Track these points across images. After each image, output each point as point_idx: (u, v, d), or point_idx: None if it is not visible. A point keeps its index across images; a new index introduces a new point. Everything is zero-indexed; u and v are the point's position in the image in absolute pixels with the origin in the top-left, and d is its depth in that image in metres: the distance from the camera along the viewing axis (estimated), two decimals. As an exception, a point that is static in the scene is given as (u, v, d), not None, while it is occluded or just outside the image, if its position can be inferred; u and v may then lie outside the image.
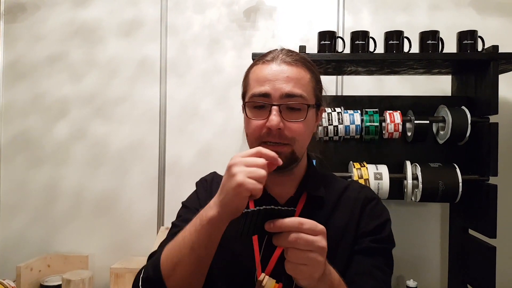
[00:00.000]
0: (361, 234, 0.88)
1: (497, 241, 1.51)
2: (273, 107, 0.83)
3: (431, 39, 1.59)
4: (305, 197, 0.92)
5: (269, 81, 0.85)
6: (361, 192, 0.95)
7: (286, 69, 0.86)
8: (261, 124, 0.85)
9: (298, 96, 0.84)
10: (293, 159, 0.87)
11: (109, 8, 2.08)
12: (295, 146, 0.86)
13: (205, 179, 1.05)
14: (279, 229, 0.64)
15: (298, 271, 0.65)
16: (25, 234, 2.09)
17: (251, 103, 0.87)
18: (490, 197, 1.51)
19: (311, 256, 0.64)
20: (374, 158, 1.70)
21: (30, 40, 2.11)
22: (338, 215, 0.90)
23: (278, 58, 0.88)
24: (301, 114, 0.85)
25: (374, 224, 0.89)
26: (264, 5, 2.03)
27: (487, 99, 1.53)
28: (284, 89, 0.84)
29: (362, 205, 0.92)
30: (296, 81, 0.85)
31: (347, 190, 0.96)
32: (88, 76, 2.09)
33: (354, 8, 1.98)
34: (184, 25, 2.06)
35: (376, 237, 0.88)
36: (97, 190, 2.07)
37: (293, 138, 0.85)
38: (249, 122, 0.87)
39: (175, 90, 2.06)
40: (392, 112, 1.63)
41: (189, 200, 1.02)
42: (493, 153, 1.51)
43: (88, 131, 2.08)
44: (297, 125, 0.84)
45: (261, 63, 0.89)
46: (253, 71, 0.90)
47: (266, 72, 0.86)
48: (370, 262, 0.85)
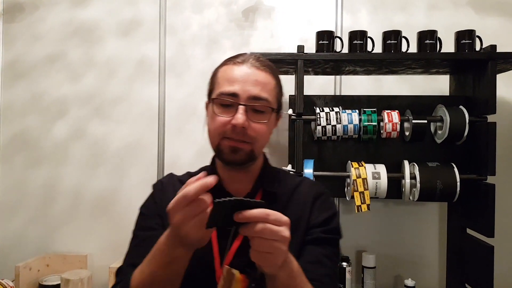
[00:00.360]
0: (312, 225, 0.95)
1: (495, 241, 1.51)
2: (240, 106, 0.88)
3: (429, 38, 1.59)
4: (261, 193, 0.97)
5: (239, 82, 0.89)
6: (312, 188, 1.02)
7: (256, 73, 0.91)
8: (226, 121, 0.89)
9: (264, 100, 0.90)
10: (251, 157, 0.92)
11: (107, 8, 2.09)
12: (255, 146, 0.91)
13: (161, 181, 1.08)
14: (248, 219, 0.67)
15: (262, 259, 0.69)
16: (24, 234, 2.09)
17: (219, 100, 0.91)
18: (488, 197, 1.51)
19: (275, 245, 0.68)
20: (372, 157, 1.71)
21: (29, 40, 2.11)
22: (291, 209, 0.95)
23: (248, 61, 0.92)
24: (265, 117, 0.91)
25: (324, 216, 0.97)
26: (262, 5, 2.03)
27: (485, 98, 1.53)
28: (252, 91, 0.89)
29: (313, 199, 0.99)
30: (263, 85, 0.91)
31: (299, 186, 1.03)
32: (86, 76, 2.09)
33: (353, 8, 1.98)
34: (183, 25, 2.06)
35: (325, 228, 0.95)
36: (96, 190, 2.07)
37: (254, 137, 0.90)
38: (215, 118, 0.91)
39: (174, 90, 2.06)
40: (390, 111, 1.63)
41: (145, 205, 1.04)
42: (491, 152, 1.52)
43: (87, 131, 2.08)
44: (260, 126, 0.90)
45: (231, 64, 0.93)
46: (223, 70, 0.95)
47: (236, 73, 0.91)
48: (320, 251, 0.92)
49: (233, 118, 0.88)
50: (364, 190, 1.55)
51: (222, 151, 0.92)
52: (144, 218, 1.01)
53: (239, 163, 0.92)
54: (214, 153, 0.98)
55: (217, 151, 0.94)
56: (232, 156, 0.91)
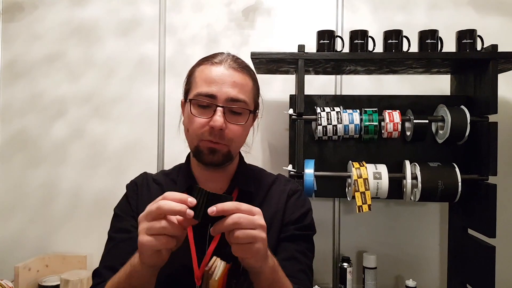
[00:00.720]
0: (287, 223, 0.97)
1: (496, 241, 1.51)
2: (218, 108, 0.88)
3: (430, 38, 1.58)
4: (237, 192, 0.99)
5: (216, 83, 0.90)
6: (286, 185, 1.04)
7: (233, 74, 0.91)
8: (204, 122, 0.90)
9: (242, 101, 0.91)
10: (228, 158, 0.94)
11: (107, 7, 2.08)
12: (231, 147, 0.93)
13: (134, 181, 1.07)
14: (221, 212, 0.68)
15: (245, 250, 0.70)
16: (23, 234, 2.08)
17: (197, 101, 0.91)
18: (489, 197, 1.50)
19: (254, 233, 0.69)
20: (373, 157, 1.70)
21: (28, 39, 2.10)
22: (266, 207, 0.96)
23: (226, 62, 0.93)
24: (242, 118, 0.92)
25: (298, 213, 0.99)
26: (262, 5, 2.02)
27: (486, 98, 1.53)
28: (230, 93, 0.89)
29: (287, 197, 1.01)
30: (241, 87, 0.91)
31: (274, 183, 1.04)
32: (86, 76, 2.08)
33: (353, 7, 1.98)
34: (183, 25, 2.05)
35: (299, 225, 0.97)
36: (95, 190, 2.06)
37: (231, 139, 0.91)
38: (192, 119, 0.91)
39: (174, 89, 2.05)
40: (391, 111, 1.62)
41: (119, 206, 1.04)
42: (493, 152, 1.51)
43: (86, 131, 2.07)
44: (237, 127, 0.91)
45: (209, 64, 0.93)
46: (200, 70, 0.94)
47: (214, 74, 0.91)
48: (294, 247, 0.94)
49: (211, 119, 0.88)
50: (365, 190, 1.54)
51: (201, 152, 0.92)
52: (119, 220, 1.01)
53: (216, 164, 0.93)
54: (192, 153, 0.98)
55: (195, 151, 0.94)
56: (210, 157, 0.91)
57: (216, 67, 0.92)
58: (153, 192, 1.02)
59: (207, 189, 0.95)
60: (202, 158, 0.93)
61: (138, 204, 1.00)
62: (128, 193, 1.05)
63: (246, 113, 0.93)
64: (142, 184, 1.05)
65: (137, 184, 1.05)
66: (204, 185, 0.98)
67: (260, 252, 0.71)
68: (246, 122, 0.93)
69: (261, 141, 2.00)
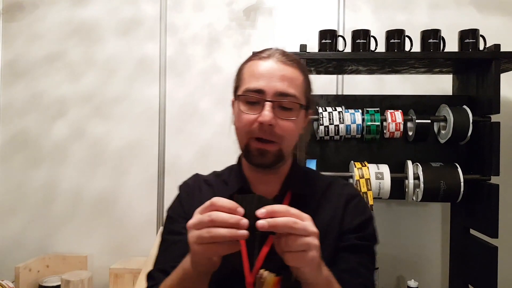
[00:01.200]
0: (346, 231, 0.90)
1: (498, 241, 1.50)
2: (267, 103, 0.84)
3: (432, 38, 1.58)
4: (289, 196, 0.92)
5: (264, 77, 0.85)
6: (344, 189, 0.97)
7: (282, 68, 0.87)
8: (253, 119, 0.85)
9: (292, 96, 0.85)
10: (279, 158, 0.88)
11: (107, 6, 2.07)
12: (282, 145, 0.87)
13: (187, 183, 1.04)
14: (271, 213, 0.65)
15: (299, 259, 0.66)
16: (24, 235, 2.07)
17: (245, 97, 0.87)
18: (491, 197, 1.50)
19: (308, 240, 0.65)
20: (375, 157, 1.69)
21: (28, 39, 2.09)
22: (321, 212, 0.91)
23: (274, 56, 0.88)
24: (293, 114, 0.86)
25: (358, 221, 0.91)
26: (264, 4, 2.02)
27: (489, 98, 1.52)
28: (278, 87, 0.84)
29: (345, 202, 0.93)
30: (290, 80, 0.86)
31: (330, 187, 0.97)
32: (86, 75, 2.07)
33: (355, 7, 1.97)
34: (183, 24, 2.05)
35: (360, 234, 0.90)
36: (95, 190, 2.06)
37: (282, 136, 0.85)
38: (241, 115, 0.87)
39: (174, 89, 2.04)
40: (394, 111, 1.62)
41: (172, 208, 1.01)
42: (495, 152, 1.51)
43: (87, 131, 2.06)
44: (288, 123, 0.85)
45: (257, 59, 0.89)
46: (248, 66, 0.91)
47: (262, 68, 0.87)
48: (355, 259, 0.87)
49: (260, 115, 0.83)
50: (367, 191, 1.53)
51: (250, 152, 0.88)
52: (172, 222, 0.97)
53: (267, 165, 0.88)
54: (242, 153, 0.94)
55: (245, 152, 0.90)
56: (260, 158, 0.87)
57: (264, 62, 0.88)
58: (204, 194, 0.98)
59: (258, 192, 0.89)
60: (252, 160, 0.89)
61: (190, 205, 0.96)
62: (180, 194, 1.02)
63: (297, 108, 0.86)
64: (194, 186, 1.01)
65: (189, 185, 1.02)
66: (255, 187, 0.94)
67: (315, 261, 0.67)
68: (297, 118, 0.87)
69: (262, 141, 2.00)
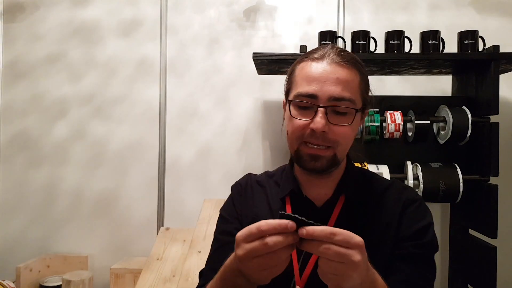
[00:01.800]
0: (402, 238, 0.84)
1: (497, 241, 1.51)
2: (320, 109, 0.79)
3: (432, 39, 1.59)
4: (343, 200, 0.88)
5: (318, 81, 0.81)
6: (402, 194, 0.90)
7: (336, 70, 0.81)
8: (304, 124, 0.81)
9: (347, 100, 0.80)
10: (334, 163, 0.83)
11: (108, 7, 2.08)
12: (337, 150, 0.82)
13: (239, 183, 1.01)
14: (311, 236, 0.61)
15: (327, 279, 0.63)
16: (24, 235, 2.08)
17: (297, 102, 0.83)
18: (491, 197, 1.51)
19: (340, 268, 0.61)
20: (375, 158, 1.70)
21: (29, 40, 2.10)
22: (377, 218, 0.86)
23: (329, 57, 0.83)
24: (348, 118, 0.81)
25: (416, 228, 0.84)
26: (264, 5, 2.03)
27: (488, 99, 1.53)
28: (332, 91, 0.79)
29: (403, 207, 0.87)
30: (345, 83, 0.81)
31: (387, 191, 0.91)
32: (87, 76, 2.08)
33: (354, 8, 1.98)
34: (184, 25, 2.05)
35: (418, 242, 0.83)
36: (96, 190, 2.06)
37: (336, 141, 0.81)
38: (292, 120, 0.83)
39: (175, 90, 2.05)
40: (393, 112, 1.62)
41: (225, 207, 0.99)
42: (494, 153, 1.51)
43: (87, 131, 2.07)
44: (342, 129, 0.81)
45: (310, 60, 0.84)
46: (300, 68, 0.86)
47: (315, 71, 0.82)
48: (412, 269, 0.81)
49: (312, 121, 0.79)
50: (367, 191, 1.54)
51: (301, 157, 0.83)
52: (224, 222, 0.96)
53: (319, 170, 0.83)
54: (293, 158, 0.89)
55: (296, 157, 0.85)
56: (312, 164, 0.82)
57: (317, 63, 0.82)
58: (256, 194, 0.96)
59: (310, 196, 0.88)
60: (303, 164, 0.84)
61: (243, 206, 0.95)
62: (233, 194, 1.00)
63: (352, 113, 0.81)
64: (246, 186, 0.99)
65: (241, 185, 1.00)
66: (307, 190, 0.90)
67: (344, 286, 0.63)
68: (352, 123, 0.81)
69: (262, 141, 2.00)
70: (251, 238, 0.63)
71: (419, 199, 0.90)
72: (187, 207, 2.02)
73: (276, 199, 0.93)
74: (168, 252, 1.82)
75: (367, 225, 0.85)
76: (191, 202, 2.02)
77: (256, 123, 2.01)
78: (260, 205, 0.94)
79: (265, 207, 0.93)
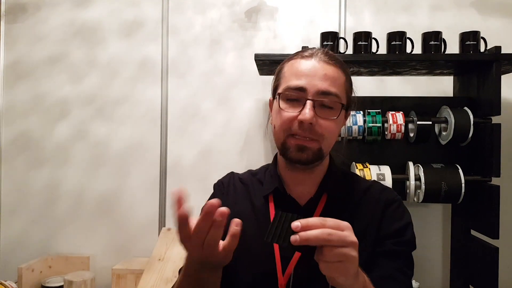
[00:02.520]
0: (383, 236, 0.88)
1: (499, 242, 1.51)
2: (308, 101, 0.83)
3: (433, 40, 1.59)
4: (325, 198, 0.91)
5: (307, 76, 0.85)
6: (382, 194, 0.94)
7: (324, 67, 0.86)
8: (292, 117, 0.84)
9: (333, 95, 0.85)
10: (319, 156, 0.86)
11: (109, 8, 2.08)
12: (323, 143, 0.86)
13: (221, 181, 1.03)
14: (306, 227, 0.63)
15: (334, 269, 0.64)
16: (26, 235, 2.08)
17: (286, 94, 0.86)
18: (492, 198, 1.51)
19: (345, 251, 0.63)
20: (377, 159, 1.70)
21: (31, 41, 2.10)
22: (358, 217, 0.89)
23: (317, 55, 0.88)
24: (334, 113, 0.85)
25: (396, 226, 0.89)
26: (265, 6, 2.03)
27: (490, 100, 1.53)
28: (320, 86, 0.84)
29: (384, 207, 0.91)
30: (332, 80, 0.85)
31: (368, 191, 0.95)
32: (89, 77, 2.08)
33: (356, 8, 1.98)
34: (185, 26, 2.05)
35: (398, 239, 0.87)
36: (98, 191, 2.07)
37: (322, 135, 0.84)
38: (281, 113, 0.86)
39: (176, 90, 2.05)
40: (395, 113, 1.63)
41: None
42: (496, 154, 1.52)
43: (89, 132, 2.07)
44: (328, 122, 0.85)
45: (299, 58, 0.89)
46: (289, 64, 0.90)
47: (304, 67, 0.86)
48: (392, 265, 0.85)
49: (300, 113, 0.83)
50: (369, 192, 1.54)
51: (288, 149, 0.86)
52: None
53: (305, 162, 0.86)
54: (279, 151, 0.91)
55: (282, 149, 0.88)
56: (299, 154, 0.85)
57: (306, 61, 0.87)
58: (240, 192, 0.99)
59: (293, 194, 0.91)
60: (289, 155, 0.86)
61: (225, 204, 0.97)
62: (215, 193, 1.02)
63: (338, 108, 0.85)
64: (229, 184, 1.01)
65: (223, 184, 1.02)
66: (291, 188, 0.93)
67: (351, 271, 0.65)
68: (338, 117, 0.86)
69: (263, 142, 2.01)
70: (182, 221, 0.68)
71: (399, 199, 0.94)
72: (189, 208, 2.02)
73: (259, 197, 0.95)
74: (170, 253, 1.82)
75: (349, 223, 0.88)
76: (192, 202, 2.01)
77: (258, 123, 2.01)
78: (242, 203, 0.96)
79: (247, 205, 0.95)
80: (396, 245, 0.86)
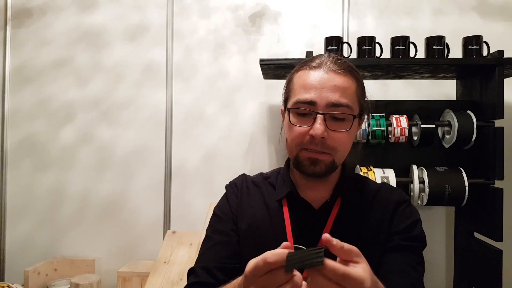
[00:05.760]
0: (393, 233, 0.88)
1: (503, 244, 1.52)
2: (318, 115, 0.82)
3: (437, 44, 1.60)
4: (339, 202, 0.91)
5: (316, 88, 0.83)
6: (392, 195, 0.95)
7: (333, 77, 0.84)
8: (304, 131, 0.84)
9: (344, 106, 0.83)
10: (332, 168, 0.86)
11: (115, 13, 2.10)
12: (336, 156, 0.85)
13: (234, 183, 1.03)
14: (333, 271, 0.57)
15: None
16: (32, 238, 2.09)
17: (296, 109, 0.85)
18: (496, 201, 1.52)
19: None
20: (381, 162, 1.71)
21: (36, 45, 2.12)
22: (371, 217, 0.90)
23: (326, 65, 0.86)
24: (346, 124, 0.84)
25: (405, 224, 0.89)
26: (269, 10, 2.04)
27: (493, 103, 1.55)
28: (330, 98, 0.82)
29: (394, 207, 0.92)
30: (343, 90, 0.84)
31: (379, 192, 0.96)
32: (94, 81, 2.10)
33: (359, 12, 2.00)
34: (190, 30, 2.07)
35: (407, 235, 0.88)
36: (103, 194, 2.08)
37: (335, 147, 0.84)
38: (292, 128, 0.86)
39: (181, 94, 2.07)
40: (399, 116, 1.64)
41: (220, 207, 1.00)
42: (499, 157, 1.53)
43: (94, 136, 2.09)
44: (341, 134, 0.84)
45: (308, 69, 0.87)
46: (298, 76, 0.89)
47: (313, 79, 0.85)
48: (400, 259, 0.84)
49: (311, 128, 0.82)
50: (373, 195, 1.55)
51: (301, 163, 0.86)
52: (219, 221, 0.97)
53: (318, 175, 0.85)
54: (292, 163, 0.92)
55: (295, 162, 0.88)
56: (312, 168, 0.85)
57: (314, 72, 0.85)
58: (253, 194, 0.98)
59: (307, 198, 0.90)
60: (303, 169, 0.86)
61: (238, 206, 0.97)
62: (227, 194, 1.01)
63: (350, 119, 0.84)
64: (242, 186, 1.00)
65: (236, 185, 1.01)
66: (304, 192, 0.92)
67: None
68: (350, 128, 0.84)
69: (267, 145, 2.02)
70: (259, 271, 0.60)
71: (408, 200, 0.95)
72: (193, 211, 2.04)
73: (272, 200, 0.95)
74: (175, 256, 1.83)
75: (362, 225, 0.90)
76: (197, 205, 2.04)
77: (262, 127, 2.02)
78: (257, 205, 0.96)
79: (262, 207, 0.95)
80: (403, 240, 0.87)
